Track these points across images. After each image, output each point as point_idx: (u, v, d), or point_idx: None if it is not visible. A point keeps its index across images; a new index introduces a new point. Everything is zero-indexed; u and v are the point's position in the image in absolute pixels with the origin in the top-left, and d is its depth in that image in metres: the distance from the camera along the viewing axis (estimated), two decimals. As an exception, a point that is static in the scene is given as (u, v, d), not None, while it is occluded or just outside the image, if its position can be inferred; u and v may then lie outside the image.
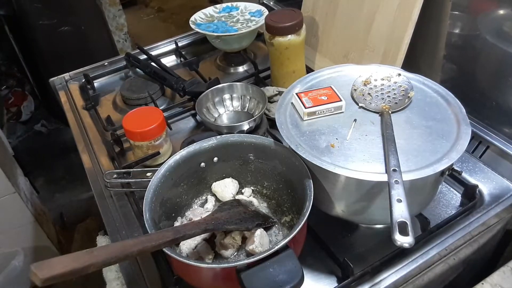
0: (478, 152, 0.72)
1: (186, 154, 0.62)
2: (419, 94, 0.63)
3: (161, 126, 0.75)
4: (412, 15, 0.72)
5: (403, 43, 0.74)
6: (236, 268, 0.46)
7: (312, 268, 0.58)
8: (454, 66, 0.78)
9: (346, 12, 0.86)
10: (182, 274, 0.54)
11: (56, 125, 2.21)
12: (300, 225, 0.49)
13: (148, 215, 0.53)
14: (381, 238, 0.61)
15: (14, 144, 2.04)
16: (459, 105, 0.60)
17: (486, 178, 0.68)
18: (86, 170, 0.80)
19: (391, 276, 0.56)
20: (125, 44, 2.10)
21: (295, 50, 0.83)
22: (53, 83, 1.05)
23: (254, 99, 0.85)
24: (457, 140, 0.55)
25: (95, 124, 0.91)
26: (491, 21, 0.69)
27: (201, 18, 1.06)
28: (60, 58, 1.70)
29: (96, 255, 0.39)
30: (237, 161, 0.66)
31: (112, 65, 1.08)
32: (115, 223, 0.68)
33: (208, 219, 0.55)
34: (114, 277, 0.69)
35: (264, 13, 1.03)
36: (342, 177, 0.53)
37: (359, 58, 0.84)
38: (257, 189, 0.68)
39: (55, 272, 0.35)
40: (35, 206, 1.43)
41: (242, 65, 1.05)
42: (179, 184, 0.63)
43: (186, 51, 1.12)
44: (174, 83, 0.91)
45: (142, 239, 0.44)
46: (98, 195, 0.74)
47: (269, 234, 0.61)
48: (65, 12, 1.67)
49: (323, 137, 0.58)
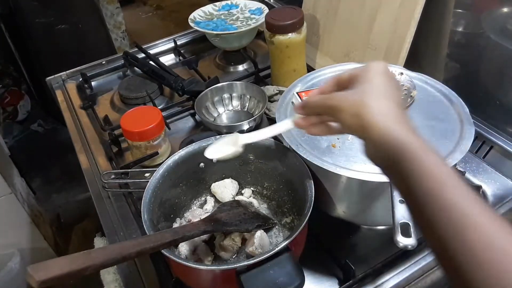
0: (482, 152, 0.72)
1: (185, 154, 0.62)
2: (422, 93, 0.63)
3: (159, 125, 0.74)
4: (414, 13, 0.71)
5: (406, 41, 0.73)
6: (236, 270, 0.46)
7: (313, 270, 0.58)
8: (457, 65, 0.77)
9: (348, 10, 0.85)
10: (181, 276, 0.54)
11: (53, 125, 2.20)
12: (301, 227, 0.48)
13: (147, 216, 0.53)
14: (383, 240, 0.61)
15: (10, 144, 2.02)
16: (462, 104, 0.59)
17: (490, 178, 0.68)
18: (83, 170, 0.79)
19: (393, 278, 0.55)
20: (123, 42, 2.09)
21: (295, 49, 0.83)
22: (50, 82, 1.05)
23: (254, 98, 0.84)
24: (460, 140, 0.54)
25: (92, 124, 0.90)
26: (495, 19, 0.69)
27: (200, 16, 1.06)
28: (57, 57, 1.69)
29: (94, 257, 0.39)
30: (236, 161, 0.65)
31: (110, 64, 1.07)
32: (113, 224, 0.67)
33: (207, 220, 0.55)
34: (112, 279, 0.69)
35: (264, 11, 1.02)
36: (343, 177, 0.52)
37: (361, 56, 0.83)
38: (257, 189, 0.68)
39: (51, 274, 0.35)
40: (32, 207, 1.42)
41: (242, 63, 1.04)
42: (178, 185, 0.63)
43: (185, 50, 1.11)
44: (173, 82, 0.91)
45: (140, 241, 0.44)
46: (96, 196, 0.73)
47: (269, 235, 0.60)
48: (62, 10, 1.66)
49: (324, 137, 0.57)
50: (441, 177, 0.33)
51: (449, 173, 0.33)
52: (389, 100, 0.39)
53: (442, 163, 0.34)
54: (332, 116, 0.43)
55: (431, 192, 0.32)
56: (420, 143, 0.35)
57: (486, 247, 0.29)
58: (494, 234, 0.29)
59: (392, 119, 0.38)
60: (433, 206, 0.32)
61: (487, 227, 0.30)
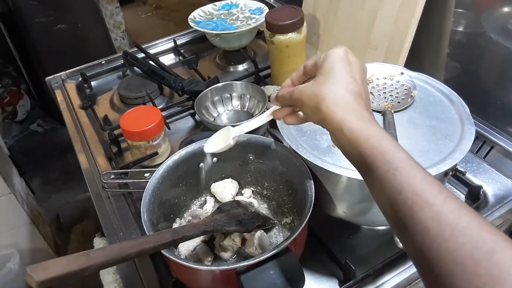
0: (482, 152, 0.71)
1: (185, 154, 0.61)
2: (422, 93, 0.63)
3: (159, 125, 0.74)
4: (415, 12, 0.71)
5: (406, 41, 0.73)
6: (235, 271, 0.45)
7: (313, 271, 0.57)
8: (457, 64, 0.77)
9: (348, 10, 0.85)
10: (181, 277, 0.54)
11: (53, 125, 2.20)
12: (301, 227, 0.48)
13: (146, 216, 0.53)
14: (383, 240, 0.61)
15: (9, 144, 2.02)
16: (463, 104, 0.59)
17: (491, 178, 0.67)
18: (83, 170, 0.79)
19: (393, 278, 0.55)
20: (123, 42, 2.08)
21: (295, 48, 0.82)
22: (49, 82, 1.05)
23: (254, 98, 0.84)
24: (461, 140, 0.54)
25: (92, 124, 0.90)
26: (496, 19, 0.68)
27: (200, 15, 1.05)
28: (57, 57, 1.69)
29: (93, 257, 0.39)
30: (236, 161, 0.65)
31: (109, 64, 1.07)
32: (113, 225, 0.67)
33: (207, 220, 0.54)
34: (111, 280, 0.69)
35: (264, 11, 1.02)
36: (343, 177, 0.52)
37: (361, 56, 0.83)
38: (257, 190, 0.67)
39: (51, 274, 0.35)
40: (31, 207, 1.42)
41: (242, 63, 1.04)
42: (178, 185, 0.62)
43: (185, 49, 1.11)
44: (173, 82, 0.90)
45: (140, 241, 0.44)
46: (95, 196, 0.73)
47: (269, 236, 0.60)
48: (61, 9, 1.66)
49: (324, 137, 0.57)
50: (394, 162, 0.34)
51: (402, 158, 0.35)
52: (346, 90, 0.40)
53: (396, 149, 0.36)
54: (299, 108, 0.45)
55: (385, 176, 0.34)
56: (374, 131, 0.37)
57: (437, 224, 0.30)
58: (443, 209, 0.31)
59: (348, 110, 0.39)
60: (391, 189, 0.34)
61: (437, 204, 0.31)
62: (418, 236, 0.31)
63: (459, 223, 0.29)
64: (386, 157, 0.35)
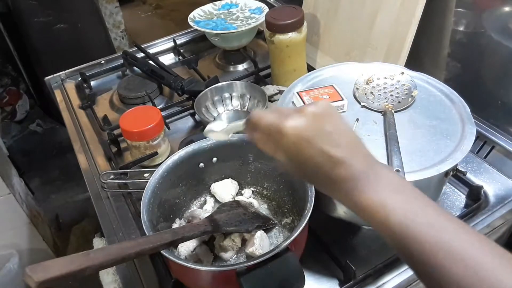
0: (483, 152, 0.71)
1: (184, 155, 0.61)
2: (423, 93, 0.63)
3: (159, 125, 0.74)
4: (415, 12, 0.71)
5: (407, 40, 0.73)
6: (235, 271, 0.45)
7: (313, 271, 0.57)
8: (458, 64, 0.77)
9: (348, 9, 0.85)
10: (181, 277, 0.54)
11: (52, 125, 2.20)
12: (301, 227, 0.48)
13: (146, 216, 0.53)
14: (384, 240, 0.60)
15: (8, 144, 2.02)
16: (463, 104, 0.59)
17: (491, 179, 0.67)
18: (82, 170, 0.79)
19: (394, 279, 0.55)
20: (122, 42, 2.08)
21: (296, 48, 0.82)
22: (49, 82, 1.04)
23: (254, 98, 0.84)
24: (461, 140, 0.54)
25: (91, 124, 0.90)
26: (496, 18, 0.68)
27: (200, 15, 1.05)
28: (56, 56, 1.69)
29: (93, 257, 0.39)
30: (236, 161, 0.65)
31: (109, 64, 1.07)
32: (112, 225, 0.67)
33: (207, 220, 0.54)
34: (111, 280, 0.69)
35: (264, 10, 1.02)
36: (344, 177, 0.52)
37: (361, 56, 0.83)
38: (257, 190, 0.67)
39: (50, 275, 0.35)
40: (30, 208, 1.42)
41: (242, 63, 1.04)
42: (178, 185, 0.62)
43: (185, 49, 1.11)
44: (172, 81, 0.90)
45: (139, 241, 0.44)
46: (95, 196, 0.73)
47: (269, 236, 0.60)
48: (60, 9, 1.66)
49: (325, 136, 0.57)
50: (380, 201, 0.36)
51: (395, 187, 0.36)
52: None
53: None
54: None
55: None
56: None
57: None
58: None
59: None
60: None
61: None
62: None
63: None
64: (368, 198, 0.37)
